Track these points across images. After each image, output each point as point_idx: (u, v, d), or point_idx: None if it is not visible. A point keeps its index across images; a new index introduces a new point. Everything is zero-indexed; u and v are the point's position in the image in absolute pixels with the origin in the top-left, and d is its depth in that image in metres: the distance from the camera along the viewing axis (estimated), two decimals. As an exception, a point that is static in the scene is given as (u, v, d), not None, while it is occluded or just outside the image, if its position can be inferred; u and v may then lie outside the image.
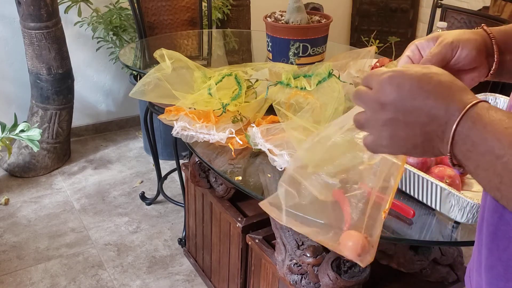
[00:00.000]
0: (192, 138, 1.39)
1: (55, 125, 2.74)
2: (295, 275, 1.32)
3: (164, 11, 2.61)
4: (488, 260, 0.57)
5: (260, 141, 1.32)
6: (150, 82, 1.56)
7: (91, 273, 2.07)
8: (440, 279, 1.44)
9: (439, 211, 1.08)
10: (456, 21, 2.36)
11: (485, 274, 0.58)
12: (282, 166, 1.24)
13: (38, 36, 2.55)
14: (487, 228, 0.57)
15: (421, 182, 1.08)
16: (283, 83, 1.46)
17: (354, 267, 1.24)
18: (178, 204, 2.45)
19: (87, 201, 2.55)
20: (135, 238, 2.29)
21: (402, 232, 1.04)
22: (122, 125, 3.31)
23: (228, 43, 2.56)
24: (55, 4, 2.56)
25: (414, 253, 1.28)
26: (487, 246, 0.58)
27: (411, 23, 3.95)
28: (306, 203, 0.73)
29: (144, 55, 2.30)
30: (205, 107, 1.44)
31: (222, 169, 1.28)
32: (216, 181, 1.69)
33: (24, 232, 2.31)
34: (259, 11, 2.74)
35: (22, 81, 2.80)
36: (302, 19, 1.80)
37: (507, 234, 0.54)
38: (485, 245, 0.58)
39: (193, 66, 1.63)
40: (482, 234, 0.59)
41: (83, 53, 3.02)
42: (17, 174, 2.73)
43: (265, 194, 1.18)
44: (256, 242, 1.52)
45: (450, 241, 1.07)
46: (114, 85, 3.21)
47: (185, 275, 2.08)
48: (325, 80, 1.39)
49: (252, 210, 1.66)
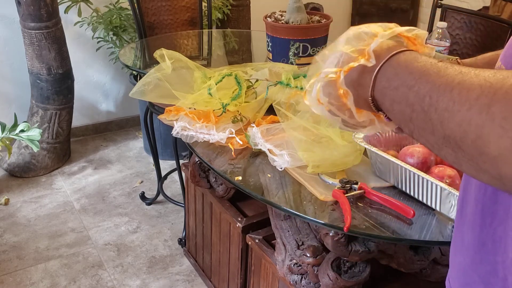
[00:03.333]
0: (192, 138, 1.39)
1: (55, 125, 2.74)
2: (295, 275, 1.32)
3: (164, 11, 2.61)
4: (476, 239, 0.58)
5: (260, 141, 1.32)
6: (150, 82, 1.56)
7: (91, 273, 2.07)
8: (440, 279, 1.44)
9: (439, 211, 1.08)
10: (456, 21, 2.36)
11: (472, 253, 0.59)
12: (282, 166, 1.24)
13: (38, 36, 2.55)
14: (476, 207, 0.58)
15: (421, 182, 1.08)
16: (283, 83, 1.45)
17: (354, 267, 1.24)
18: (178, 204, 2.45)
19: (87, 201, 2.55)
20: (135, 238, 2.29)
21: (402, 232, 1.04)
22: (122, 125, 3.31)
23: (228, 43, 2.56)
24: (55, 4, 2.56)
25: (414, 253, 1.28)
26: (471, 224, 0.59)
27: (411, 23, 3.95)
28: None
29: (144, 55, 2.30)
30: (205, 107, 1.44)
31: (222, 169, 1.28)
32: (216, 181, 1.69)
33: (24, 232, 2.31)
34: (259, 11, 2.74)
35: (22, 81, 2.80)
36: (302, 19, 1.80)
37: (490, 210, 0.55)
38: (469, 224, 0.59)
39: (193, 66, 1.63)
40: (465, 215, 0.60)
41: (83, 53, 3.02)
42: (17, 174, 2.73)
43: (265, 194, 1.18)
44: (256, 242, 1.52)
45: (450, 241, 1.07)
46: (114, 85, 3.21)
47: (185, 275, 2.08)
48: (325, 80, 1.39)
49: (252, 210, 1.66)
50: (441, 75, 0.48)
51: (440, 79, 0.48)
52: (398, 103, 0.52)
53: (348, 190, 1.13)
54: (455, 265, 0.64)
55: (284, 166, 1.24)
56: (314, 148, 1.24)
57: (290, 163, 1.23)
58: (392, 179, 1.16)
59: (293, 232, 1.33)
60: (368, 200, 1.12)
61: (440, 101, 0.46)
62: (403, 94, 0.51)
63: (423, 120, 0.49)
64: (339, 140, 1.25)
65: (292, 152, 1.25)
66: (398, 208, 1.07)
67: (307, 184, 1.18)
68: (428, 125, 0.48)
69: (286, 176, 1.23)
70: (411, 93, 0.50)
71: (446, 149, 0.47)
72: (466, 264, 0.60)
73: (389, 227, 1.05)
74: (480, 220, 0.57)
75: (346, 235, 1.15)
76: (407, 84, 0.51)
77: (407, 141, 1.28)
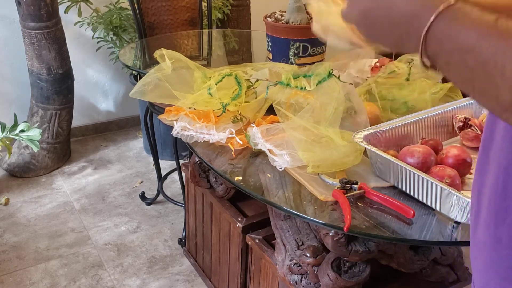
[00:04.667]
0: (192, 138, 1.39)
1: (55, 125, 2.74)
2: (295, 275, 1.32)
3: (164, 11, 2.61)
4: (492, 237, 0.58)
5: (260, 141, 1.32)
6: (150, 82, 1.56)
7: (91, 273, 2.07)
8: (440, 279, 1.44)
9: (439, 211, 1.08)
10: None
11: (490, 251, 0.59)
12: (282, 166, 1.24)
13: (38, 36, 2.55)
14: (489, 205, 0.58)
15: (421, 182, 1.08)
16: (283, 83, 1.45)
17: (354, 267, 1.24)
18: (178, 204, 2.45)
19: (87, 201, 2.55)
20: (135, 238, 2.29)
21: (402, 232, 1.04)
22: (122, 125, 3.31)
23: (228, 43, 2.56)
24: (55, 4, 2.56)
25: (414, 253, 1.28)
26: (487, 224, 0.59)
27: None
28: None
29: (144, 55, 2.30)
30: (205, 107, 1.44)
31: (222, 169, 1.28)
32: (216, 181, 1.69)
33: (24, 232, 2.31)
34: (259, 11, 2.74)
35: (22, 81, 2.80)
36: (302, 19, 1.80)
37: (503, 205, 0.55)
38: (484, 224, 0.59)
39: (193, 66, 1.63)
40: (481, 216, 0.60)
41: (83, 53, 3.02)
42: (17, 174, 2.73)
43: (265, 194, 1.18)
44: (256, 242, 1.52)
45: (450, 241, 1.07)
46: (114, 85, 3.21)
47: (185, 275, 2.08)
48: (325, 80, 1.39)
49: (252, 210, 1.67)
50: (503, 33, 0.44)
51: (503, 40, 0.44)
52: (455, 65, 0.48)
53: (348, 190, 1.13)
54: (477, 268, 0.64)
55: (284, 166, 1.24)
56: (314, 148, 1.24)
57: (290, 163, 1.23)
58: (392, 179, 1.16)
59: (293, 232, 1.33)
60: (368, 200, 1.12)
61: (507, 65, 0.43)
62: (460, 58, 0.47)
63: (487, 84, 0.45)
64: (339, 140, 1.25)
65: (292, 152, 1.25)
66: (398, 208, 1.07)
67: (307, 184, 1.18)
68: (492, 90, 0.45)
69: (286, 176, 1.23)
70: (469, 57, 0.46)
71: (508, 114, 0.45)
72: (486, 264, 0.60)
73: (389, 227, 1.05)
74: (495, 218, 0.57)
75: (346, 235, 1.15)
76: (464, 47, 0.47)
77: (407, 141, 1.28)
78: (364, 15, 0.55)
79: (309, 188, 1.17)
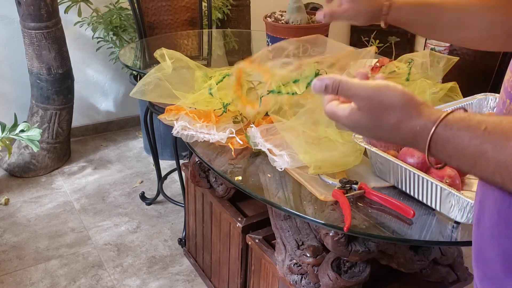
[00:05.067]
0: (192, 138, 1.39)
1: (55, 125, 2.74)
2: (295, 275, 1.32)
3: (164, 11, 2.61)
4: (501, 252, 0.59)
5: (260, 141, 1.32)
6: (150, 82, 1.55)
7: (91, 273, 2.07)
8: (440, 279, 1.44)
9: (439, 211, 1.08)
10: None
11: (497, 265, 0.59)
12: (282, 166, 1.24)
13: (38, 36, 2.55)
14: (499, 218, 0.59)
15: (421, 182, 1.08)
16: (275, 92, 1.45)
17: (354, 267, 1.24)
18: (178, 204, 2.45)
19: (87, 201, 2.55)
20: (135, 238, 2.29)
21: (402, 232, 1.04)
22: (122, 125, 3.31)
23: (228, 43, 2.56)
24: (55, 4, 2.56)
25: (414, 253, 1.28)
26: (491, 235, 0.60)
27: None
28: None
29: (144, 55, 2.30)
30: (206, 107, 1.44)
31: (222, 169, 1.28)
32: (216, 181, 1.69)
33: (24, 232, 2.31)
34: (259, 11, 2.74)
35: (22, 81, 2.80)
36: (302, 19, 1.81)
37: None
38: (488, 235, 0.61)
39: (194, 66, 1.63)
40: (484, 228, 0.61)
41: (83, 53, 3.02)
42: (17, 174, 2.73)
43: (265, 194, 1.18)
44: (256, 242, 1.52)
45: (450, 241, 1.07)
46: (114, 85, 3.21)
47: (185, 275, 2.08)
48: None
49: (252, 210, 1.66)
50: (499, 147, 0.51)
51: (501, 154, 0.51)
52: (457, 161, 0.56)
53: (348, 190, 1.13)
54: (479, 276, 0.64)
55: (284, 166, 1.24)
56: (314, 149, 1.24)
57: (290, 164, 1.23)
58: (392, 179, 1.16)
59: (293, 232, 1.33)
60: (368, 200, 1.13)
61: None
62: (463, 160, 0.54)
63: (488, 176, 0.53)
64: (339, 138, 1.25)
65: (292, 152, 1.25)
66: (398, 208, 1.07)
67: (307, 184, 1.18)
68: (496, 180, 0.53)
69: (286, 176, 1.23)
70: (474, 169, 0.54)
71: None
72: (493, 276, 0.60)
73: (389, 227, 1.05)
74: (506, 230, 0.58)
75: (346, 235, 1.15)
76: (466, 162, 0.54)
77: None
78: (369, 139, 0.64)
79: (309, 188, 1.17)
